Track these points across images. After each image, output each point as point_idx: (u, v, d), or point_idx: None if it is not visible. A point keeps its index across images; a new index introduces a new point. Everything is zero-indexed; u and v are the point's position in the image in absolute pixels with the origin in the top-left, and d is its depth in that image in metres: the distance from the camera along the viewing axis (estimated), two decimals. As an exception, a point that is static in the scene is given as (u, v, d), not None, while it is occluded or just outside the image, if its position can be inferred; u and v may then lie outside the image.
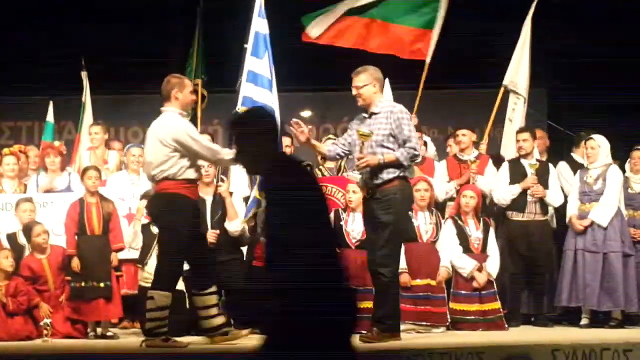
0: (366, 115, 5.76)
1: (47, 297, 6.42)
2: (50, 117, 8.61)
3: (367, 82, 5.72)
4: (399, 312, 5.79)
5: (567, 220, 7.02)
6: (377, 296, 5.67)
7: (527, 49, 7.93)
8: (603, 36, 9.08)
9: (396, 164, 5.58)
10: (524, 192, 6.99)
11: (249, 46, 6.98)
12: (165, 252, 5.67)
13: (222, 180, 6.62)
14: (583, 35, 8.94)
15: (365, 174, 5.67)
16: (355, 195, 6.46)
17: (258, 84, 7.04)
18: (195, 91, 7.30)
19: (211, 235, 6.49)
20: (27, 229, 6.43)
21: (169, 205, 5.56)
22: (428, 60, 7.90)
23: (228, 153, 5.47)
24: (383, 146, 5.65)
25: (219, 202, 6.55)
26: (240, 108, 7.04)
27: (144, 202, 6.50)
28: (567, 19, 8.98)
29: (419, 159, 6.05)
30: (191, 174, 5.59)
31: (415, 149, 5.66)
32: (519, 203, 7.05)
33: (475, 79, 9.56)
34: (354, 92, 5.76)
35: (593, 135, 7.02)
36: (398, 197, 5.62)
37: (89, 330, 6.35)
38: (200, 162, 6.53)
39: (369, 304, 5.91)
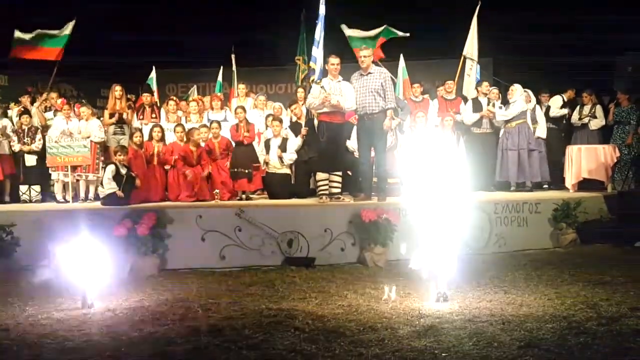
0: (364, 73, 8.20)
1: (215, 165, 9.36)
2: (220, 77, 12.42)
3: (370, 55, 8.33)
4: None
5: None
6: (363, 176, 8.47)
7: (475, 31, 10.85)
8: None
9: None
10: (481, 117, 10.33)
11: (320, 22, 9.88)
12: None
13: None
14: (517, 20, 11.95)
15: (366, 107, 8.11)
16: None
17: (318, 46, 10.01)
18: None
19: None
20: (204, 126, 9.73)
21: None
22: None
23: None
24: (378, 93, 8.09)
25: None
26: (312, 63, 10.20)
27: None
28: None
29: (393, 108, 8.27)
30: (320, 108, 8.12)
31: (392, 103, 8.06)
32: (478, 122, 10.38)
33: (445, 53, 12.98)
34: (362, 59, 8.17)
35: (515, 84, 10.36)
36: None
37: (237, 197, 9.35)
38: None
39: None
